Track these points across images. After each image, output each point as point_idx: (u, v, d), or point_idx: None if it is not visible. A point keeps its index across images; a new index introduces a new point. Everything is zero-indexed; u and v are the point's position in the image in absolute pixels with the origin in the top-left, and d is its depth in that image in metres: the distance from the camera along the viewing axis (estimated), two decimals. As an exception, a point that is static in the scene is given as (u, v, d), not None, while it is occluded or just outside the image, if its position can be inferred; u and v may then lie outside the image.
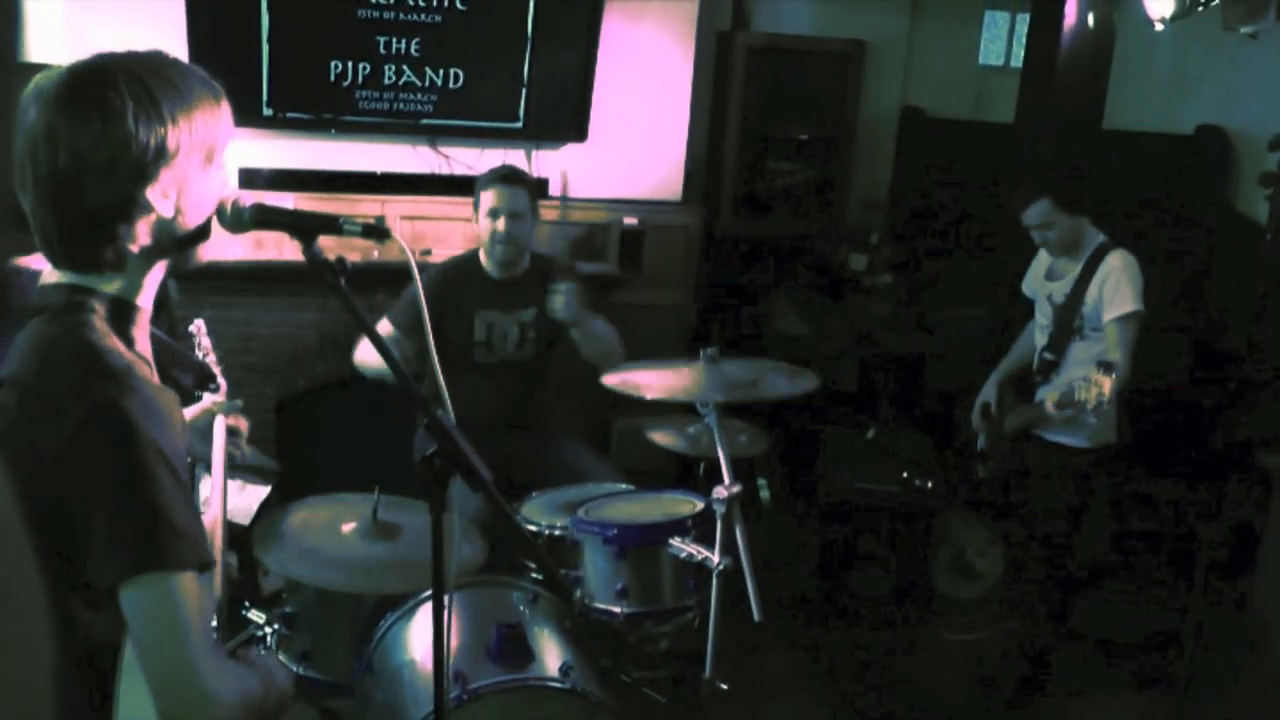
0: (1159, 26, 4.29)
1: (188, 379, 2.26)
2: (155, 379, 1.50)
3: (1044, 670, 3.85)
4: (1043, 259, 3.72)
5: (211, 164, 1.53)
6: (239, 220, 1.58)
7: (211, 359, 2.52)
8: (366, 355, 3.55)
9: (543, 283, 3.62)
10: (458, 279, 3.65)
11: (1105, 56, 4.73)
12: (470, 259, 3.71)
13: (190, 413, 2.12)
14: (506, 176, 3.60)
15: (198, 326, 2.68)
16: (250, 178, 4.30)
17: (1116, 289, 3.40)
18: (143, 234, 1.48)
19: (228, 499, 2.24)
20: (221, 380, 2.35)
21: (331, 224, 1.62)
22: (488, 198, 3.57)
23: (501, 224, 3.54)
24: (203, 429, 2.14)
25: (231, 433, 2.21)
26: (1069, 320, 3.50)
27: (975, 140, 5.66)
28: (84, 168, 1.41)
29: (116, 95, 1.41)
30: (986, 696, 3.82)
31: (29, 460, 1.38)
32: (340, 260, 1.60)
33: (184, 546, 1.39)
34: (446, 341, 3.55)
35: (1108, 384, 2.98)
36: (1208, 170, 5.51)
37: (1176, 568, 4.71)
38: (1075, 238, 3.50)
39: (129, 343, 1.49)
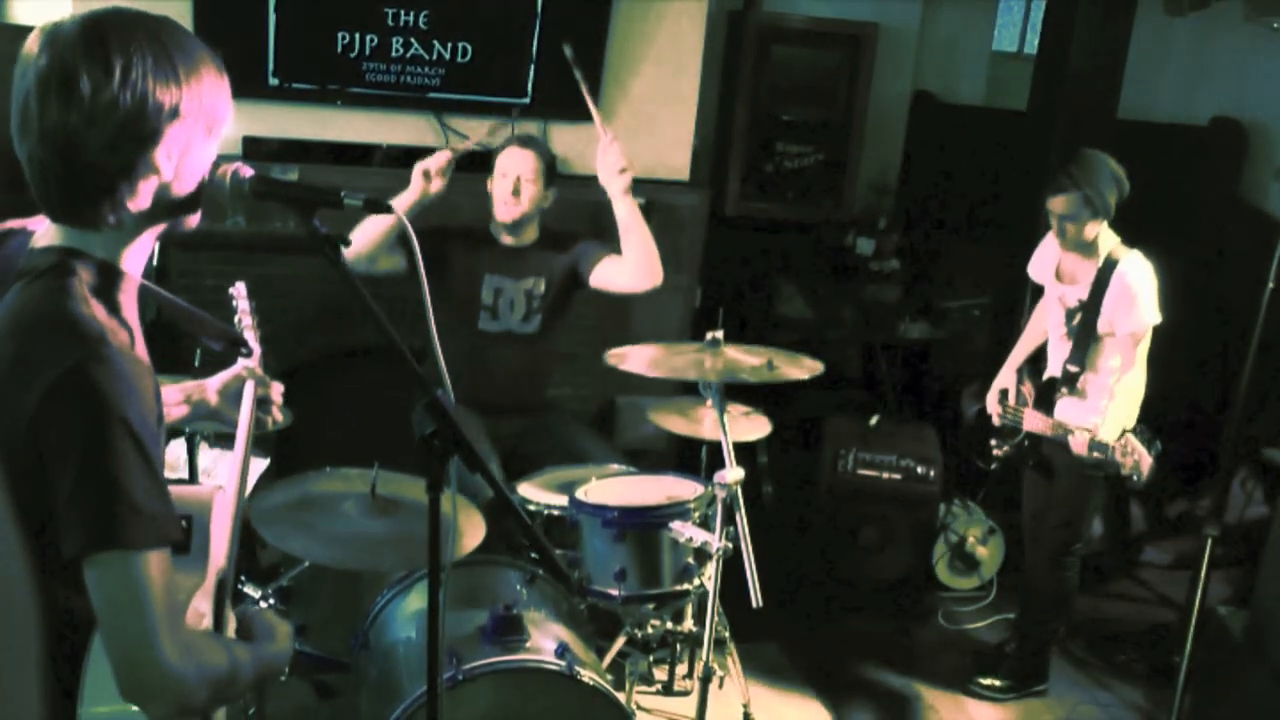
0: (1176, 16, 4.24)
1: (217, 345, 2.20)
2: (138, 346, 1.47)
3: (1043, 661, 3.84)
4: (1050, 245, 3.67)
5: (211, 135, 1.50)
6: (239, 192, 1.55)
7: (248, 323, 2.47)
8: (362, 239, 3.32)
9: (555, 254, 3.64)
10: (470, 237, 3.67)
11: (1121, 45, 4.68)
12: (483, 225, 3.72)
13: (221, 379, 2.09)
14: (521, 140, 3.68)
15: (238, 290, 2.65)
16: (255, 147, 4.26)
17: (1133, 305, 3.38)
18: (143, 194, 1.45)
19: (226, 470, 2.18)
20: (255, 346, 2.29)
21: (332, 197, 1.59)
22: (501, 160, 3.61)
23: (510, 184, 3.55)
24: (233, 395, 2.10)
25: (262, 400, 2.16)
26: (1088, 331, 3.47)
27: (987, 127, 5.62)
28: (95, 118, 1.37)
29: (137, 49, 1.38)
30: (985, 687, 3.81)
31: (5, 426, 1.36)
32: (340, 235, 1.58)
33: (143, 525, 1.36)
34: (453, 299, 3.55)
35: (1146, 460, 3.17)
36: (1221, 162, 5.47)
37: (1180, 561, 4.70)
38: (1092, 237, 3.46)
39: (114, 308, 1.46)
